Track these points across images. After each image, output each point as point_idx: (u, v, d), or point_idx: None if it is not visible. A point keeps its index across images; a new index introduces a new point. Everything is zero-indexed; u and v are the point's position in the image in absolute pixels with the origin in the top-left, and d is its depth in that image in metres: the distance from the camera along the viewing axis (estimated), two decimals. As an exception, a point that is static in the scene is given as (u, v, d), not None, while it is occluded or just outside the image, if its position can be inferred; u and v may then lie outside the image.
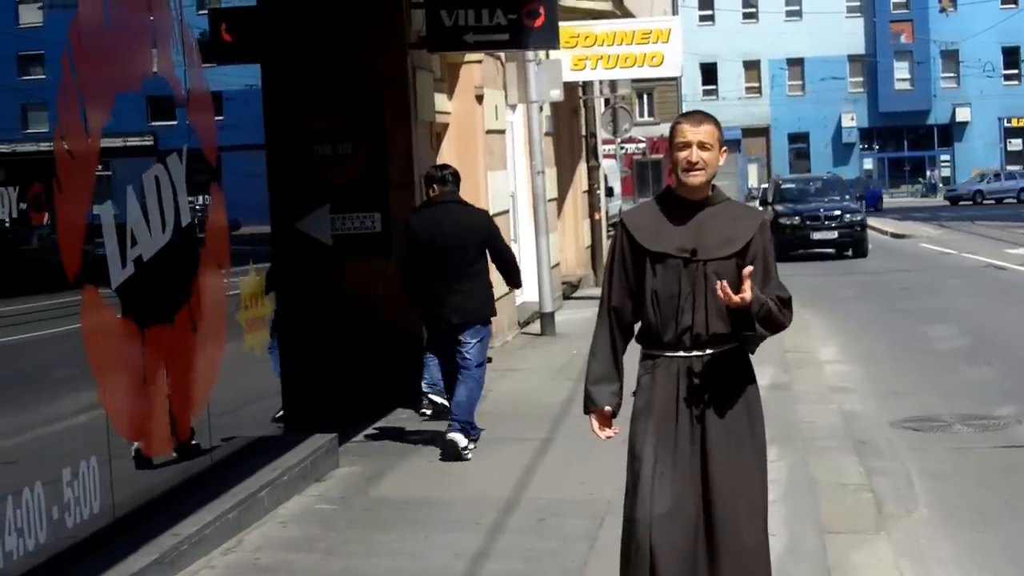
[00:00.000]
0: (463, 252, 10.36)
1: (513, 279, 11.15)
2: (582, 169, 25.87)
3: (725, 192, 5.75)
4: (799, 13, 77.09)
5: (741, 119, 76.19)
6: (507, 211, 17.79)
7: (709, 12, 77.36)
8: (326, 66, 12.64)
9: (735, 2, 77.47)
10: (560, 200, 23.65)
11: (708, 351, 5.49)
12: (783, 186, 38.04)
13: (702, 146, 5.48)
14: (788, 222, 33.36)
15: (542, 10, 12.74)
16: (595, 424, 5.68)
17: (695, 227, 5.52)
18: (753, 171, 77.62)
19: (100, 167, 7.41)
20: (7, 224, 6.51)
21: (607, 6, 22.81)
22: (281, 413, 10.11)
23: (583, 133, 26.05)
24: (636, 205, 5.87)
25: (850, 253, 33.45)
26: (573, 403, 11.01)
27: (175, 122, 10.13)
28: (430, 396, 11.30)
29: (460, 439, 10.21)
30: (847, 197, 35.92)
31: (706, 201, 5.56)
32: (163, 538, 7.20)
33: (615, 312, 5.65)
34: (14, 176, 6.63)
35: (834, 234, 33.54)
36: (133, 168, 7.95)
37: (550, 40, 13.24)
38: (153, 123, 9.16)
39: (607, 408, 5.62)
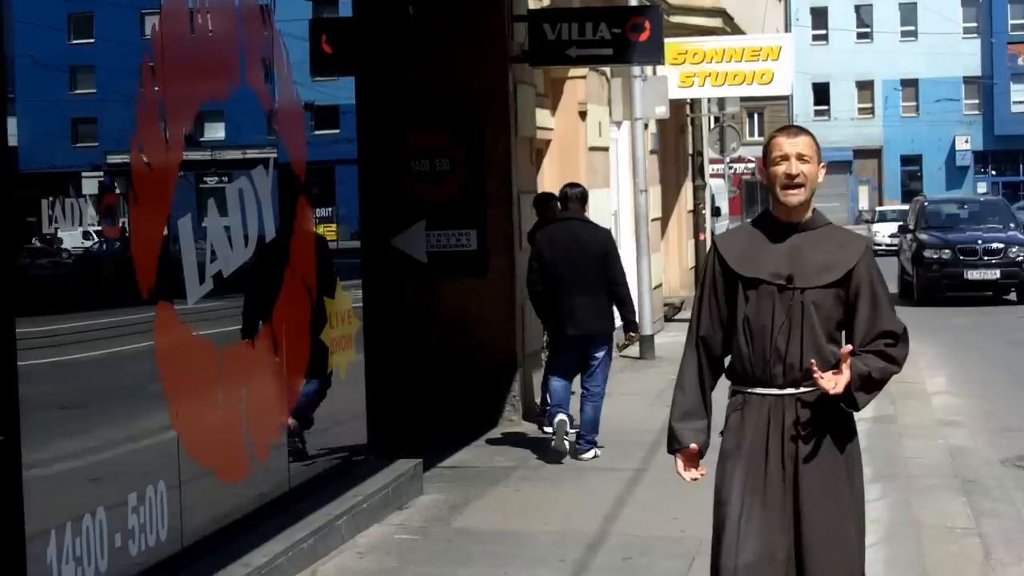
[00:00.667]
0: (581, 268, 10.81)
1: (622, 309, 11.23)
2: (687, 188, 25.42)
3: (834, 215, 5.30)
4: (914, 33, 75.85)
5: (853, 140, 75.14)
6: (609, 230, 17.35)
7: (823, 31, 76.32)
8: (426, 79, 12.36)
9: (849, 21, 76.42)
10: (664, 220, 23.22)
11: (803, 389, 5.07)
12: (929, 208, 29.62)
13: (801, 158, 5.06)
14: (935, 256, 26.44)
15: (648, 25, 12.38)
16: (680, 465, 5.26)
17: (792, 252, 5.10)
18: (864, 193, 76.44)
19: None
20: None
21: (717, 23, 22.34)
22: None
23: (689, 152, 25.61)
24: (732, 228, 5.43)
25: (1014, 297, 26.50)
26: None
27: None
28: (550, 421, 11.24)
29: (588, 456, 10.89)
30: (1012, 225, 28.12)
31: (805, 224, 5.15)
32: (232, 568, 6.91)
33: (703, 342, 5.24)
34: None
35: (995, 273, 26.26)
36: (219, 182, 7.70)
37: (655, 55, 12.86)
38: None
39: (693, 446, 5.20)
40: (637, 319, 12.54)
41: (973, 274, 26.31)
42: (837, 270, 5.09)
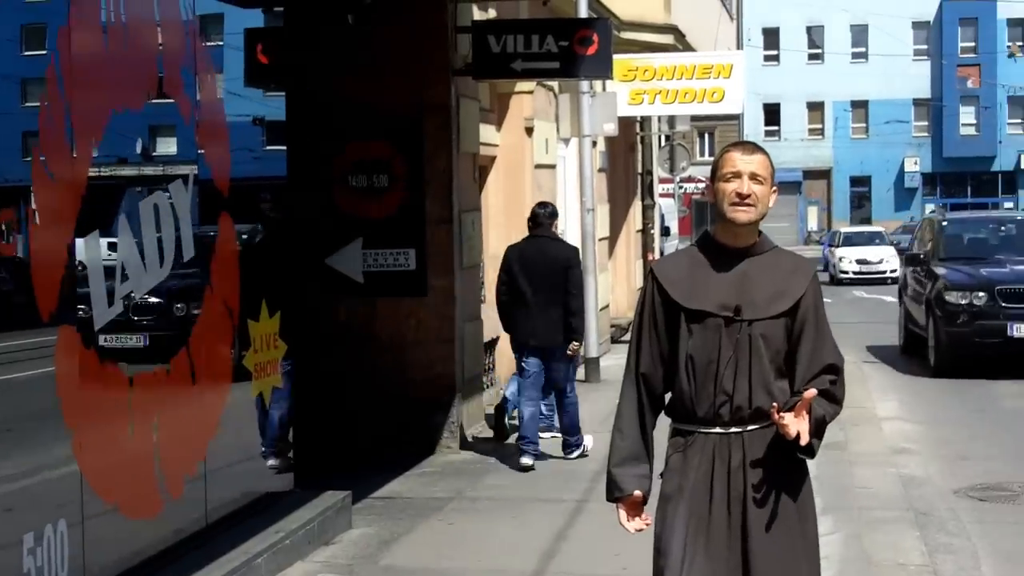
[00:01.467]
0: (545, 281, 11.34)
1: (569, 317, 11.54)
2: (636, 208, 25.03)
3: (783, 235, 4.87)
4: (865, 55, 76.01)
5: (803, 160, 75.15)
6: (576, 248, 16.91)
7: (774, 52, 76.34)
8: (364, 92, 11.88)
9: (801, 42, 76.48)
10: (612, 239, 22.83)
11: (750, 427, 4.63)
12: (948, 230, 20.46)
13: (754, 178, 4.63)
14: (964, 301, 17.84)
15: (595, 38, 11.97)
16: (622, 515, 4.77)
17: (739, 280, 4.66)
18: (813, 214, 76.47)
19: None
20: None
21: (668, 39, 22.00)
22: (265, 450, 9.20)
23: (639, 170, 25.23)
24: (670, 253, 4.95)
25: None
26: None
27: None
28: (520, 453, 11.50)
29: (575, 455, 11.69)
30: None
31: (752, 248, 4.71)
32: (138, 613, 6.41)
33: (644, 380, 4.77)
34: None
35: None
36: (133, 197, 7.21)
37: (603, 70, 12.44)
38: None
39: (637, 493, 4.73)
40: (583, 334, 12.66)
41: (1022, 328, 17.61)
42: (787, 298, 4.67)
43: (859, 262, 42.70)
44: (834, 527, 9.06)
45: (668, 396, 4.79)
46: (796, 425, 4.46)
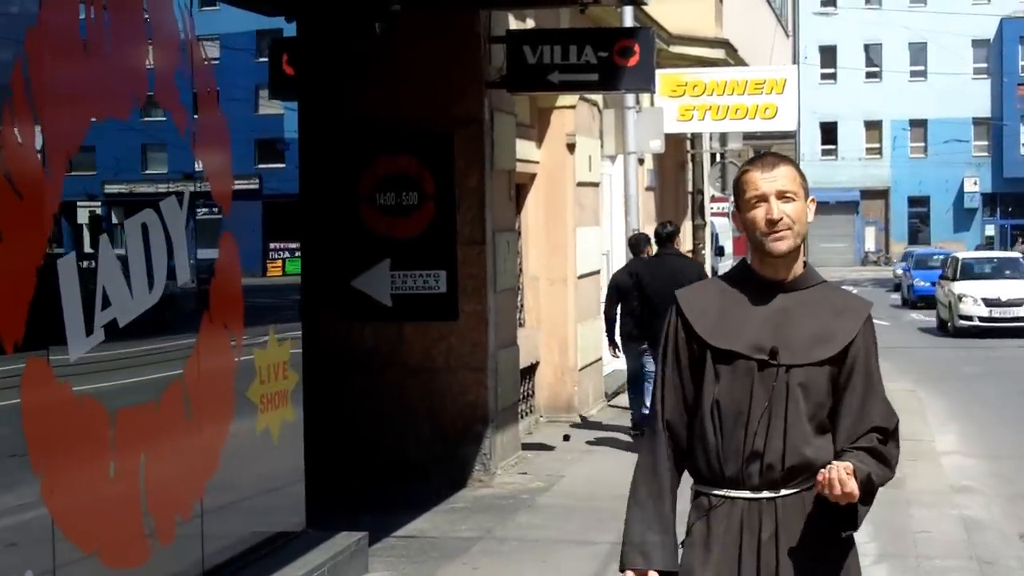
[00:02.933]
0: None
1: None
2: (687, 227, 24.32)
3: (840, 256, 4.12)
4: (924, 74, 74.97)
5: (860, 180, 74.17)
6: (598, 271, 16.30)
7: (831, 70, 75.43)
8: (392, 105, 11.28)
9: (858, 60, 75.54)
10: (661, 260, 22.11)
11: (784, 492, 3.93)
12: None
13: (783, 196, 3.92)
14: None
15: (637, 48, 11.29)
16: None
17: (777, 318, 3.96)
18: (871, 234, 75.38)
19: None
20: None
21: (719, 54, 21.34)
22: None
23: (689, 189, 24.52)
24: (699, 282, 4.18)
25: None
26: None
27: (283, 165, 9.20)
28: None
29: None
30: None
31: (795, 282, 4.00)
32: None
33: (669, 428, 4.06)
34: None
35: None
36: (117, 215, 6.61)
37: (645, 82, 11.75)
38: (260, 165, 8.79)
39: (653, 572, 3.97)
40: None
41: None
42: (834, 343, 3.96)
43: (989, 303, 29.23)
44: (890, 578, 8.36)
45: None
46: (841, 482, 3.74)
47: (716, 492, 3.97)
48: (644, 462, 4.08)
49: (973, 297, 29.30)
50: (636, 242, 14.48)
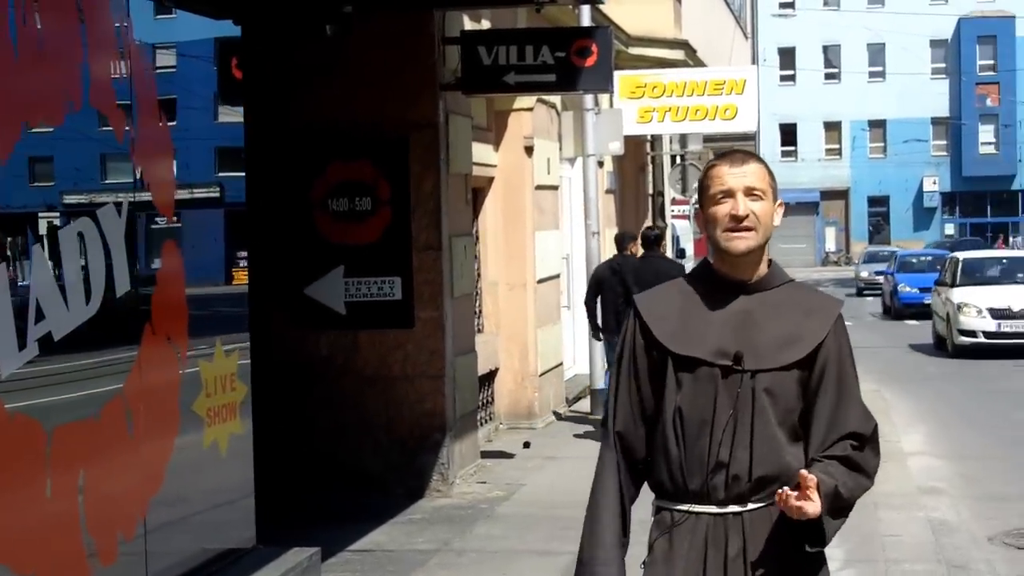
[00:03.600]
0: None
1: None
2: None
3: (800, 256, 3.90)
4: (882, 74, 75.20)
5: (820, 181, 74.29)
6: (558, 275, 16.08)
7: (790, 72, 75.57)
8: (345, 109, 11.04)
9: (817, 62, 75.70)
10: (622, 263, 21.92)
11: (752, 505, 3.71)
12: None
13: (751, 193, 3.71)
14: None
15: (594, 48, 11.08)
16: None
17: (741, 320, 3.74)
18: (831, 234, 75.53)
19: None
20: None
21: (679, 55, 21.17)
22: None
23: (650, 192, 24.34)
24: (658, 286, 3.94)
25: None
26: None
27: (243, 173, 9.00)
28: None
29: None
30: None
31: (759, 283, 3.79)
32: None
33: (620, 440, 3.84)
34: None
35: None
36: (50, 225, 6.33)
37: (603, 82, 11.54)
38: (221, 174, 8.77)
39: None
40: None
41: None
42: (801, 345, 3.74)
43: (997, 314, 23.89)
44: (858, 585, 8.18)
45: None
46: (800, 502, 3.54)
47: (679, 507, 3.76)
48: (596, 477, 3.86)
49: (977, 307, 23.98)
50: (621, 238, 15.00)
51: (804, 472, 3.56)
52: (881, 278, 40.06)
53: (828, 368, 3.74)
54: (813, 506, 3.53)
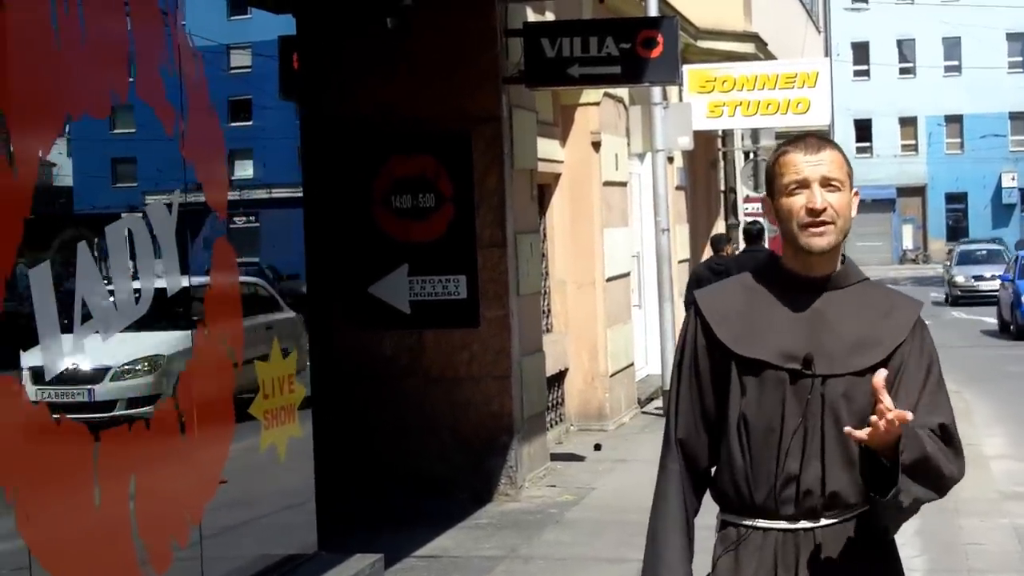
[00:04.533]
0: None
1: None
2: (720, 228, 23.76)
3: (876, 255, 3.57)
4: (958, 68, 74.15)
5: (896, 177, 73.34)
6: (628, 273, 15.77)
7: (864, 67, 74.70)
8: (407, 103, 10.80)
9: (891, 56, 74.77)
10: (694, 261, 21.57)
11: (824, 522, 3.39)
12: None
13: (828, 184, 3.36)
14: None
15: (660, 38, 10.78)
16: None
17: (812, 322, 3.41)
18: (908, 232, 74.53)
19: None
20: None
21: (749, 48, 20.80)
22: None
23: (722, 188, 23.96)
24: (721, 282, 3.62)
25: None
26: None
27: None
28: None
29: None
30: None
31: (832, 280, 3.45)
32: None
33: (683, 449, 3.53)
34: None
35: None
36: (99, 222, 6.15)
37: (670, 73, 11.23)
38: None
39: None
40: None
41: None
42: (878, 349, 3.40)
43: None
44: (940, 595, 7.84)
45: (715, 472, 3.57)
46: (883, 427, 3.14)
47: (745, 522, 3.45)
48: (657, 490, 3.57)
49: None
50: (718, 240, 15.93)
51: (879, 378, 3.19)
52: (985, 284, 35.81)
53: (908, 371, 3.40)
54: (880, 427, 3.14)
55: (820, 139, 3.44)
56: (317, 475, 8.24)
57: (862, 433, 3.16)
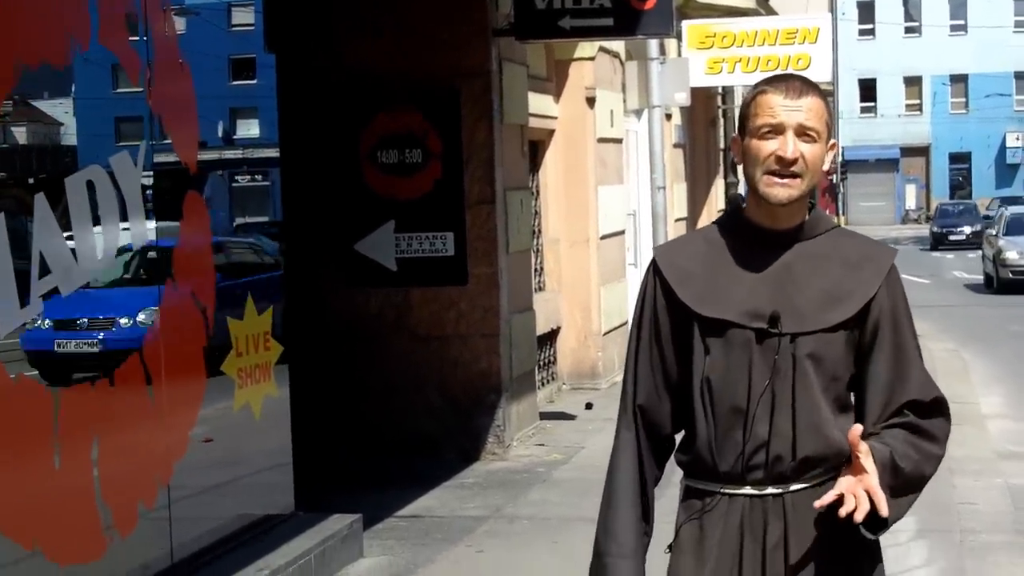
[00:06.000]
0: None
1: None
2: (719, 186, 23.55)
3: (880, 215, 3.34)
4: (964, 27, 73.67)
5: (900, 137, 73.00)
6: (622, 232, 15.57)
7: (869, 26, 74.22)
8: (391, 57, 10.58)
9: (897, 15, 74.26)
10: (693, 219, 21.38)
11: (794, 487, 3.20)
12: None
13: (804, 133, 3.13)
14: None
15: (654, -12, 10.55)
16: None
17: (779, 277, 3.20)
18: (911, 192, 74.23)
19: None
20: None
21: (750, 3, 20.53)
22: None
23: (721, 147, 23.74)
24: (680, 236, 3.41)
25: None
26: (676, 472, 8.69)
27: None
28: None
29: None
30: None
31: (799, 232, 3.23)
32: None
33: (644, 416, 3.31)
34: None
35: None
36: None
37: (664, 26, 10.99)
38: None
39: None
40: None
41: None
42: (850, 303, 3.20)
43: None
44: (930, 557, 7.67)
45: (680, 438, 3.36)
46: (852, 489, 3.06)
47: (710, 489, 3.25)
48: (612, 460, 3.36)
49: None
50: (733, 200, 15.07)
51: (855, 433, 3.06)
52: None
53: (883, 326, 3.21)
54: (858, 489, 3.04)
55: (804, 83, 3.20)
56: (302, 435, 8.08)
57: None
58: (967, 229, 48.66)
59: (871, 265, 3.25)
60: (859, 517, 3.03)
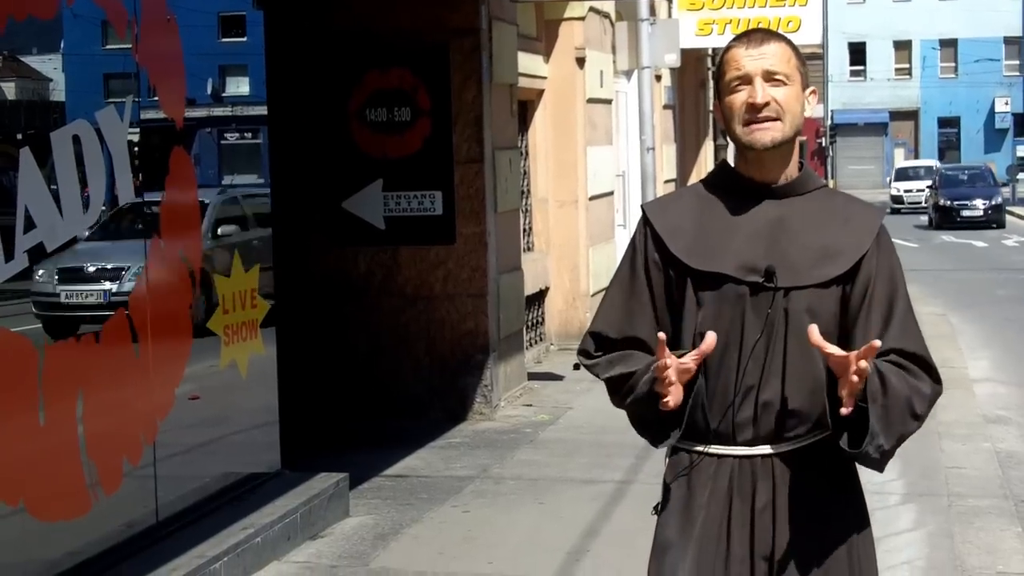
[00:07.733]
0: None
1: None
2: (709, 148, 23.49)
3: (868, 178, 3.32)
4: (954, -9, 73.60)
5: (890, 101, 72.96)
6: (611, 193, 15.51)
7: (860, -11, 74.11)
8: (381, 15, 10.51)
9: (887, -21, 74.16)
10: (682, 181, 21.32)
11: (785, 446, 3.17)
12: None
13: (771, 78, 3.13)
14: None
15: (644, -51, 10.46)
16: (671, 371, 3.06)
17: (773, 232, 3.19)
18: (900, 156, 74.14)
19: None
20: None
21: (740, -35, 20.35)
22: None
23: (711, 108, 23.65)
24: (668, 193, 3.39)
25: None
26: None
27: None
28: None
29: None
30: None
31: (790, 187, 3.23)
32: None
33: (643, 348, 3.29)
34: None
35: None
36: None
37: (653, -14, 10.92)
38: None
39: (661, 335, 3.07)
40: None
41: None
42: (843, 259, 3.19)
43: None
44: (918, 520, 7.65)
45: None
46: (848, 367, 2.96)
47: (698, 448, 3.23)
48: (609, 373, 3.31)
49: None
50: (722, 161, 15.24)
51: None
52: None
53: (875, 284, 3.19)
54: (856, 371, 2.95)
55: (765, 32, 3.23)
56: (289, 394, 8.03)
57: (833, 348, 2.98)
58: (980, 204, 38.04)
59: (862, 223, 3.24)
60: (846, 408, 2.96)
